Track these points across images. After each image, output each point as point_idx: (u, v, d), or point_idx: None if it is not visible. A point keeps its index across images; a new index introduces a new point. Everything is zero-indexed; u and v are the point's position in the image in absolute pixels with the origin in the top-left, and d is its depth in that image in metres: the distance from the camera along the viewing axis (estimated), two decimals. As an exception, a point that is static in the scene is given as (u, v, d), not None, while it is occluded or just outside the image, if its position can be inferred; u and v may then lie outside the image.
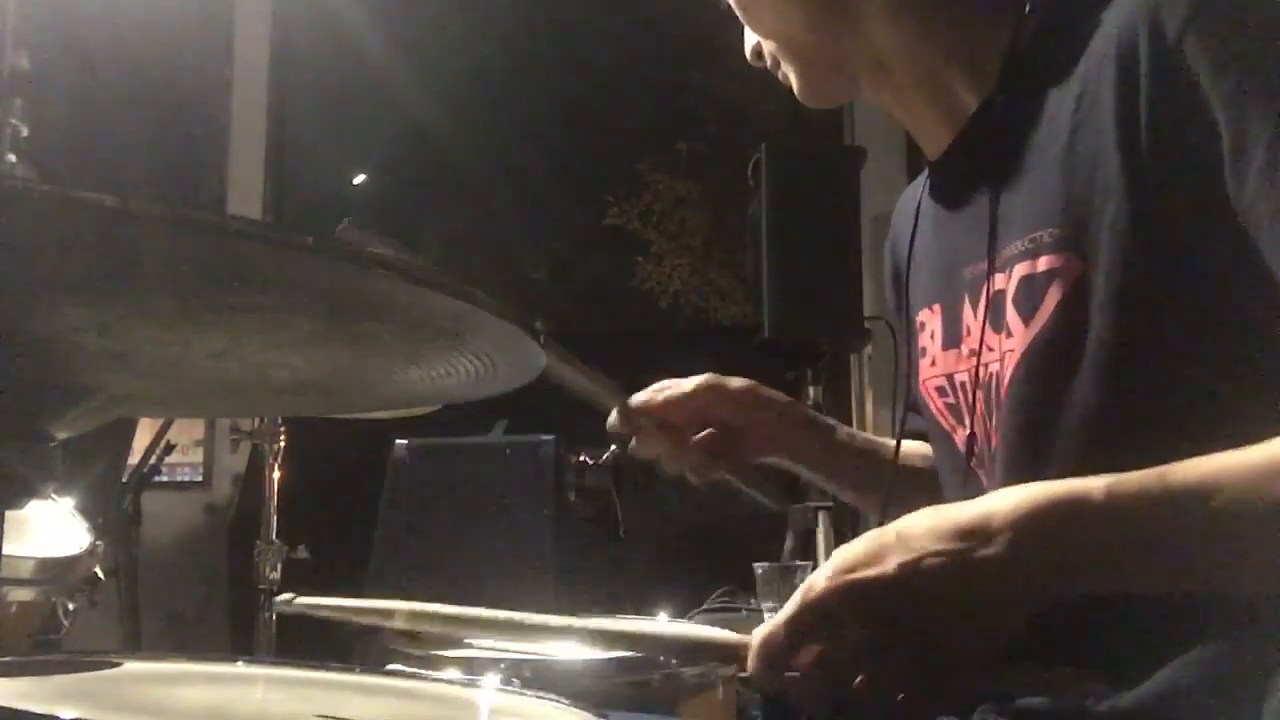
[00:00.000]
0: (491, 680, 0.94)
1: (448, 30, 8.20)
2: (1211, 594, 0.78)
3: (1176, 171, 0.80)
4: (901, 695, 0.70)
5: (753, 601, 2.00)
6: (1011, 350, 0.90)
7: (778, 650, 0.73)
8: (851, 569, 0.72)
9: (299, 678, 0.89)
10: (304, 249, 0.51)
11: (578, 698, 0.80)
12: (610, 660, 1.09)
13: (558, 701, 0.80)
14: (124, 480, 2.62)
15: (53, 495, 1.59)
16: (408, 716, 0.80)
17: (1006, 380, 0.91)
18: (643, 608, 1.65)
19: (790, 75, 1.04)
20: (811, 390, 2.74)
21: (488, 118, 8.98)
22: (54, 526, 1.63)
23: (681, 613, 1.92)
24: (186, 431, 3.32)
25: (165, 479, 2.95)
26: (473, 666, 1.05)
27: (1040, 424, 0.88)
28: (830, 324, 2.67)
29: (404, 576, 2.38)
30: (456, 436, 2.54)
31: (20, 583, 1.50)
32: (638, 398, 1.15)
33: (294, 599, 0.82)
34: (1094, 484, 0.72)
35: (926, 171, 1.09)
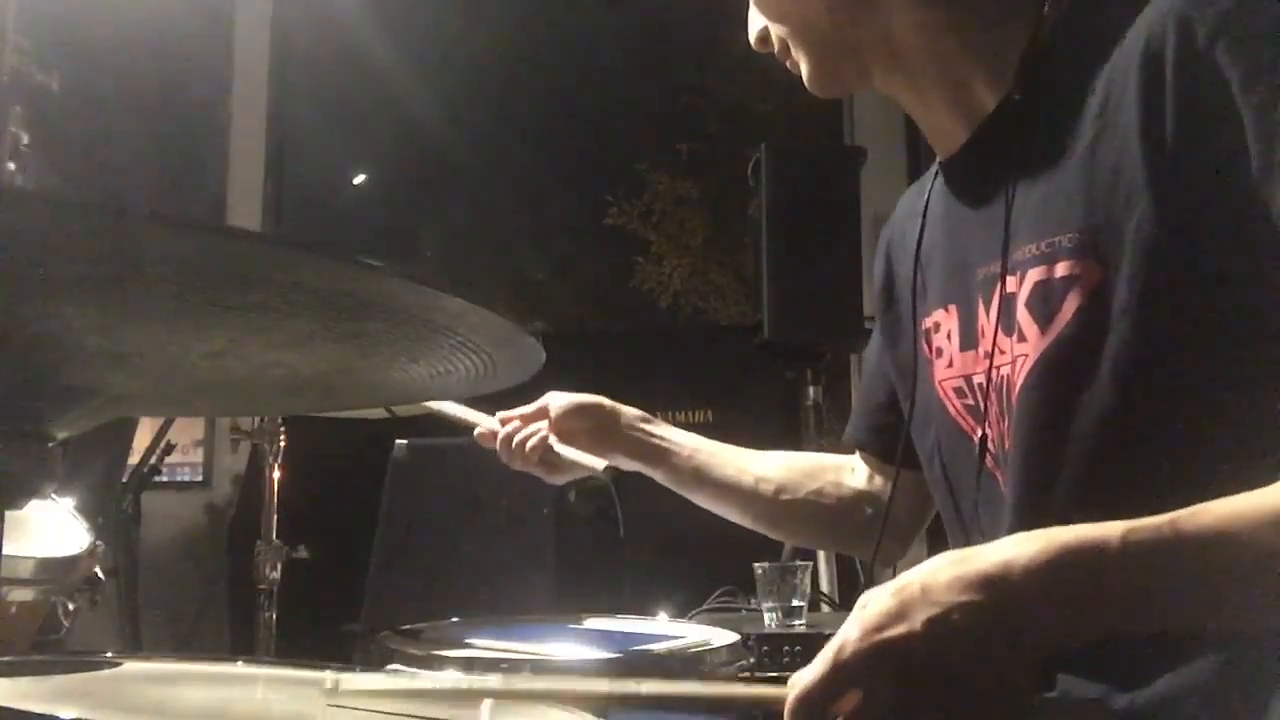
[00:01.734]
0: (491, 680, 0.94)
1: (448, 30, 8.19)
2: None
3: (1202, 178, 0.80)
4: None
5: (753, 601, 1.99)
6: (1024, 355, 0.91)
7: (813, 708, 0.74)
8: (880, 628, 0.73)
9: (299, 678, 0.89)
10: (302, 253, 0.51)
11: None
12: (610, 660, 1.09)
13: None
14: (124, 480, 2.62)
15: (53, 495, 1.59)
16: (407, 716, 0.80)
17: (1019, 384, 0.91)
18: (643, 608, 1.64)
19: (801, 62, 1.03)
20: (811, 390, 2.74)
21: (488, 118, 8.97)
22: (54, 526, 1.63)
23: (682, 613, 1.92)
24: (186, 431, 3.32)
25: (165, 479, 2.95)
26: (473, 666, 1.05)
27: (1054, 428, 0.88)
28: (830, 324, 2.66)
29: (404, 576, 2.38)
30: (456, 436, 2.54)
31: (20, 583, 1.49)
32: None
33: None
34: (1110, 531, 0.73)
35: (935, 169, 1.08)
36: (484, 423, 1.44)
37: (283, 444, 2.12)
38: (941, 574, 0.74)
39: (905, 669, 0.72)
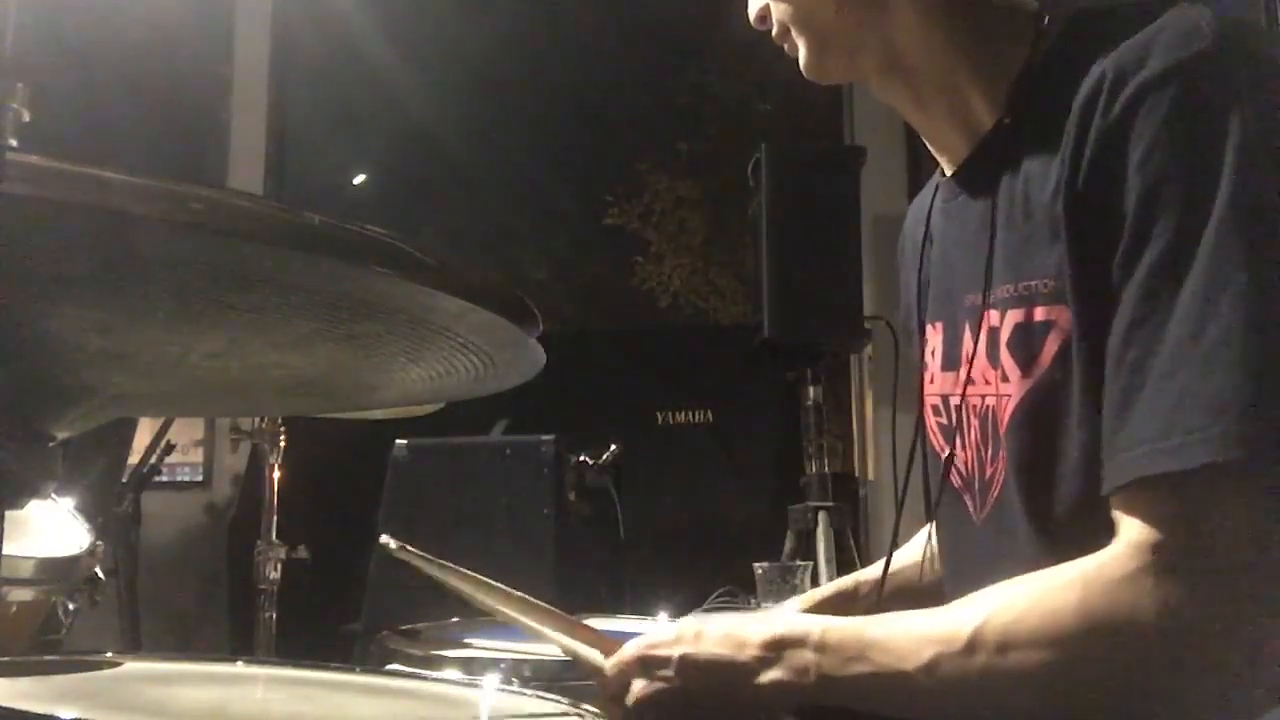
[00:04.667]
0: (491, 680, 0.94)
1: (448, 30, 8.19)
2: None
3: (1093, 244, 0.82)
4: None
5: (753, 601, 1.99)
6: (1009, 394, 0.92)
7: (610, 689, 0.95)
8: (654, 646, 0.93)
9: (299, 678, 0.89)
10: (307, 231, 0.51)
11: (578, 698, 0.80)
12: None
13: (558, 701, 0.79)
14: (124, 480, 2.62)
15: (53, 495, 1.58)
16: (408, 716, 0.80)
17: (1005, 421, 0.93)
18: (643, 608, 1.64)
19: (800, 48, 1.02)
20: (811, 390, 2.74)
21: (488, 118, 8.97)
22: (54, 526, 1.63)
23: (682, 613, 1.92)
24: (186, 431, 3.32)
25: (165, 479, 2.95)
26: (473, 666, 1.05)
27: (1040, 469, 0.90)
28: (830, 324, 2.66)
29: (404, 576, 2.38)
30: (456, 436, 2.53)
31: (20, 583, 1.49)
32: None
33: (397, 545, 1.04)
34: (815, 624, 0.89)
35: (936, 180, 1.08)
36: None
37: (283, 444, 2.11)
38: (719, 628, 0.92)
39: (654, 677, 0.92)
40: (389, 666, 1.06)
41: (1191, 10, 0.82)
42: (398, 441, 2.46)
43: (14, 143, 0.52)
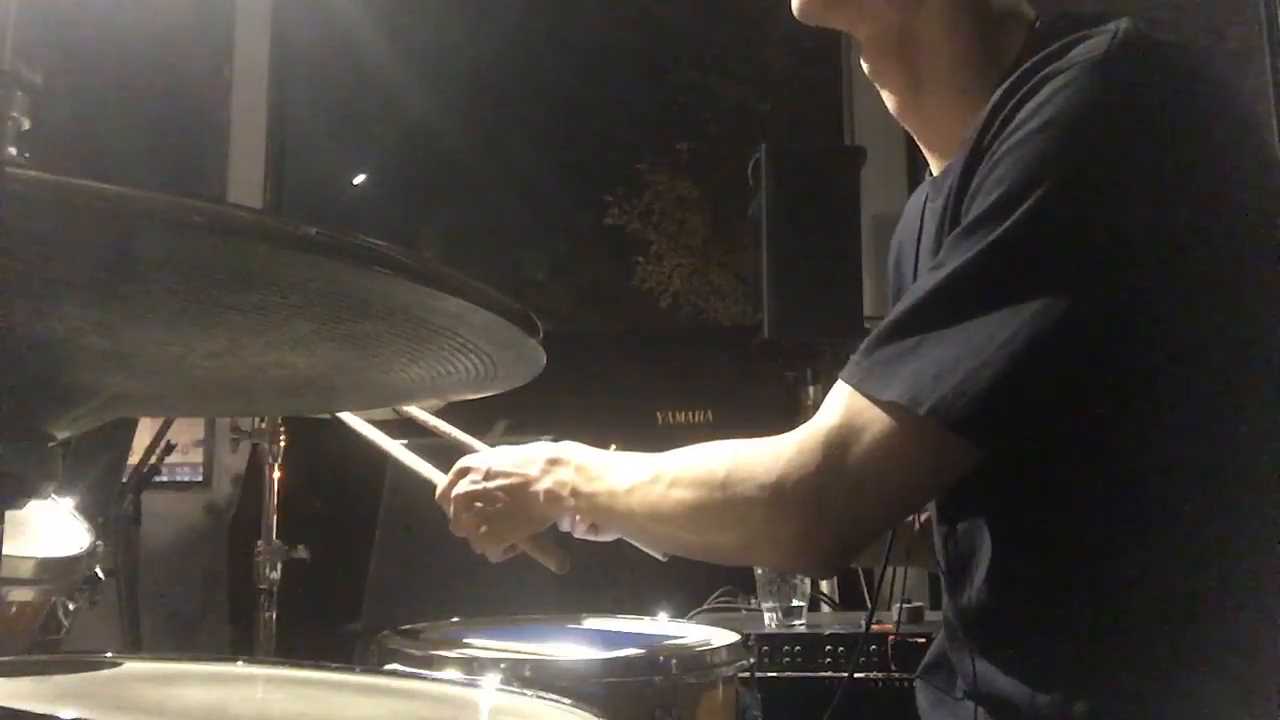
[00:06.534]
0: (491, 680, 0.94)
1: (448, 30, 8.19)
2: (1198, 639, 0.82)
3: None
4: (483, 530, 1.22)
5: (753, 601, 1.99)
6: None
7: (441, 494, 1.26)
8: (473, 459, 1.24)
9: (299, 678, 0.89)
10: (305, 241, 0.51)
11: (578, 698, 0.80)
12: (611, 660, 1.10)
13: (558, 701, 0.79)
14: (124, 480, 2.62)
15: (53, 495, 1.58)
16: (408, 716, 0.80)
17: None
18: (643, 608, 1.65)
19: None
20: (811, 390, 2.74)
21: (488, 118, 8.97)
22: (54, 526, 1.63)
23: (682, 613, 1.92)
24: (186, 431, 3.33)
25: (165, 479, 2.95)
26: (473, 666, 1.05)
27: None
28: (830, 324, 2.67)
29: (404, 576, 2.38)
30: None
31: (20, 583, 1.49)
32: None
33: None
34: (580, 451, 1.13)
35: (927, 179, 1.08)
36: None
37: (283, 444, 2.12)
38: (521, 448, 1.20)
39: (470, 485, 1.21)
40: (389, 666, 1.06)
41: (1121, 20, 0.83)
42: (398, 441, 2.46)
43: (14, 151, 0.52)
